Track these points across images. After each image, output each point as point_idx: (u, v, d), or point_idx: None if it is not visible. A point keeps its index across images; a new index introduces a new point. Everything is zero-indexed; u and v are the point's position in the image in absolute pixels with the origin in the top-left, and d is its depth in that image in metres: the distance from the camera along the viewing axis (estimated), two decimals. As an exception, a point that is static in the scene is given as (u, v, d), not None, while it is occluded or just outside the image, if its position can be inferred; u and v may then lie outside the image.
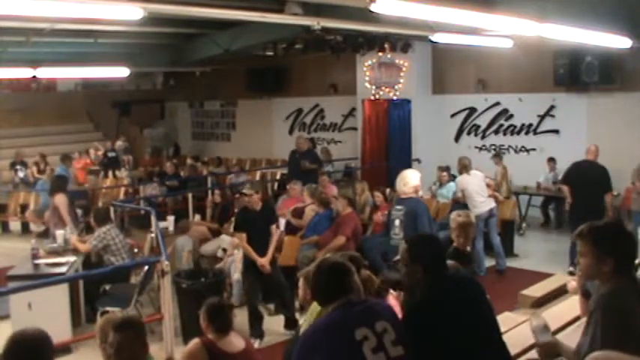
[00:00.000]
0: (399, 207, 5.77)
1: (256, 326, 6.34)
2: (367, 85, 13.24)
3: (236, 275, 7.19)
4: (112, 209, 9.38)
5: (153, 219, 7.69)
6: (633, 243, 2.67)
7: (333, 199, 8.24)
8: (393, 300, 3.76)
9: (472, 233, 4.68)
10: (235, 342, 3.69)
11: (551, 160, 10.92)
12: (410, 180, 5.91)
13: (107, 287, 6.66)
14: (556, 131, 11.44)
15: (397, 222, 5.73)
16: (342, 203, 7.74)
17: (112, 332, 3.08)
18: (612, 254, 2.54)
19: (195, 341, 3.61)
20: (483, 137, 12.44)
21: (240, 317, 5.98)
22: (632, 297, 2.53)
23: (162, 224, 8.43)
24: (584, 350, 2.50)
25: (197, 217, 10.20)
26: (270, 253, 6.34)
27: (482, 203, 8.40)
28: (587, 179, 8.22)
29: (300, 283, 3.82)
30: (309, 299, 3.73)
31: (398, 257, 4.19)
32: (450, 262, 4.52)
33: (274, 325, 6.64)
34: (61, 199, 8.26)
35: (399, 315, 3.04)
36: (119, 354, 3.04)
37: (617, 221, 2.90)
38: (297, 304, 6.33)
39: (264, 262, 6.25)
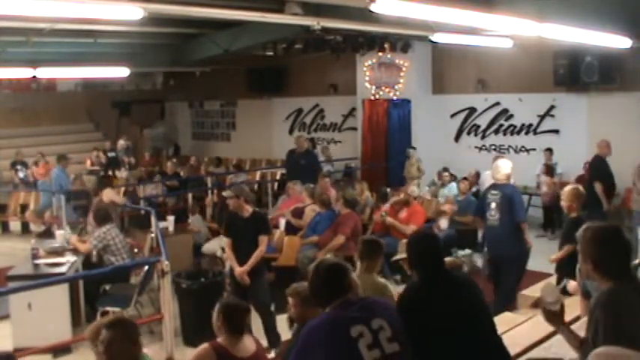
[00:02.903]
0: (494, 192, 6.38)
1: None
2: (367, 85, 13.24)
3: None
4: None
5: (153, 219, 7.70)
6: (622, 248, 2.69)
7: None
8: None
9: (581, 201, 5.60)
10: (247, 345, 3.62)
11: (548, 150, 10.91)
12: (502, 169, 6.44)
13: (107, 287, 6.66)
14: (556, 131, 11.44)
15: (493, 204, 6.32)
16: (339, 204, 7.73)
17: (104, 330, 3.12)
18: (590, 256, 2.66)
19: (204, 346, 3.53)
20: (483, 137, 12.43)
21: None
22: (630, 297, 2.55)
23: (162, 224, 8.43)
24: (589, 347, 2.51)
25: (197, 216, 10.20)
26: (249, 264, 5.84)
27: None
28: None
29: (290, 300, 3.77)
30: (298, 315, 3.72)
31: (398, 257, 4.22)
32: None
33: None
34: (109, 194, 8.44)
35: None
36: (109, 351, 3.07)
37: (611, 226, 2.88)
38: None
39: (240, 271, 5.87)
